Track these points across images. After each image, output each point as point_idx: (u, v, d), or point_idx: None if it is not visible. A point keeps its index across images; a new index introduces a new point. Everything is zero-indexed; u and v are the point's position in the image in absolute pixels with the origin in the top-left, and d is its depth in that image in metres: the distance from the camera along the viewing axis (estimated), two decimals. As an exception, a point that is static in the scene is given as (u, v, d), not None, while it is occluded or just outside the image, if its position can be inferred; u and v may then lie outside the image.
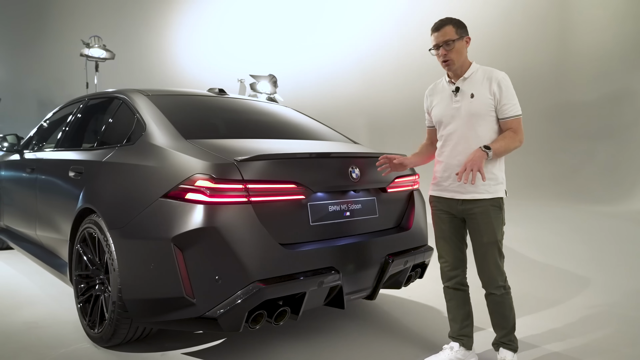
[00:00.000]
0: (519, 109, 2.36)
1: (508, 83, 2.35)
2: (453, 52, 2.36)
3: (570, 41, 8.98)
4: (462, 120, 2.37)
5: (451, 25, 2.37)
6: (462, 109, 2.37)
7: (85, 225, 2.74)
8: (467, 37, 2.41)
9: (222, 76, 9.65)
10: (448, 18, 2.41)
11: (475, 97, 2.35)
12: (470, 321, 2.56)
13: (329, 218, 2.49)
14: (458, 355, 2.51)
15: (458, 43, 2.36)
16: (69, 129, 3.62)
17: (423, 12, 10.15)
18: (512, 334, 2.43)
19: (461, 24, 2.42)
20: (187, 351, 2.62)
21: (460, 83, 2.40)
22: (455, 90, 2.40)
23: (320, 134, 3.30)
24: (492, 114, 2.34)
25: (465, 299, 2.55)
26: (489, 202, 2.34)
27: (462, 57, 2.39)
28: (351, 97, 10.54)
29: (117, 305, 2.42)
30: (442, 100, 2.48)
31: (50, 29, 13.72)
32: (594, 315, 3.33)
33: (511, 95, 2.34)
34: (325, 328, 2.98)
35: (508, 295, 2.41)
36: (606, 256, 5.10)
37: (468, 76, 2.39)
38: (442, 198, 2.46)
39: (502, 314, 2.41)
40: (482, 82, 2.36)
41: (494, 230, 2.34)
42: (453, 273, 2.52)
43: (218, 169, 2.19)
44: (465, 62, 2.41)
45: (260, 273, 2.15)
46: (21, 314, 3.14)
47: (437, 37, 2.39)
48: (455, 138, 2.39)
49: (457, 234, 2.50)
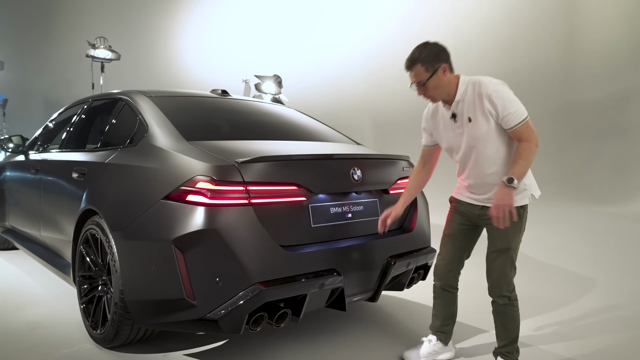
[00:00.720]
0: (522, 112, 2.17)
1: (500, 93, 2.16)
2: (429, 90, 2.24)
3: (577, 40, 8.91)
4: (469, 145, 2.27)
5: (419, 64, 2.21)
6: (465, 134, 2.26)
7: (88, 226, 2.75)
8: (443, 65, 2.22)
9: (227, 76, 9.67)
10: (417, 53, 2.23)
11: (473, 121, 2.21)
12: (452, 321, 2.60)
13: (331, 220, 2.48)
14: (435, 348, 2.58)
15: (432, 80, 2.21)
16: (73, 130, 3.64)
17: (429, 12, 10.11)
18: (511, 346, 2.39)
19: (431, 55, 2.21)
20: (188, 352, 2.62)
21: (455, 108, 2.27)
22: (452, 116, 2.29)
23: (323, 135, 3.29)
24: (495, 131, 2.20)
25: (452, 301, 2.57)
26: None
27: (442, 89, 2.24)
28: (357, 97, 10.52)
29: (119, 307, 2.42)
30: (445, 127, 2.36)
31: (57, 31, 13.82)
32: (600, 317, 3.30)
33: (509, 104, 2.16)
34: (327, 330, 2.97)
35: (512, 307, 2.35)
36: (612, 257, 5.06)
37: (460, 98, 2.24)
38: (463, 201, 2.44)
39: (503, 325, 2.39)
40: (474, 101, 2.20)
41: (509, 237, 2.28)
42: (445, 272, 2.51)
43: (219, 170, 2.18)
44: (451, 88, 2.25)
45: (261, 275, 2.15)
46: (25, 314, 3.16)
47: (410, 77, 2.28)
48: (470, 162, 2.31)
49: (464, 238, 2.48)
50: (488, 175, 2.26)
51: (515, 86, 2.50)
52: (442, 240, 2.56)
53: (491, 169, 2.25)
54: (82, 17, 13.41)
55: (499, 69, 9.35)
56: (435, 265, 2.57)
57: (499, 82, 2.24)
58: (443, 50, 2.25)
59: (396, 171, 2.85)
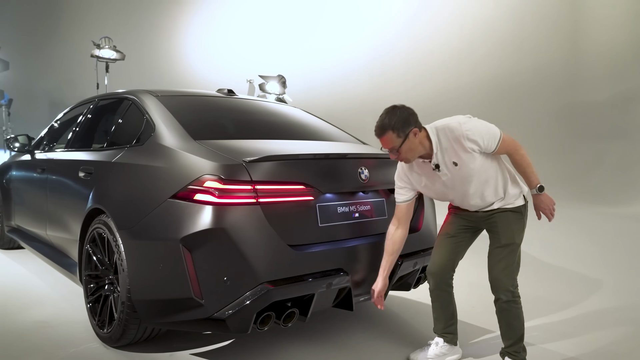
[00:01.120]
0: (496, 133, 2.25)
1: (473, 130, 2.22)
2: (403, 154, 2.26)
3: (582, 41, 8.88)
4: (460, 185, 2.33)
5: (390, 131, 2.22)
6: (454, 177, 2.31)
7: (94, 225, 2.75)
8: (414, 129, 2.23)
9: (231, 77, 9.68)
10: (386, 120, 2.24)
11: (460, 164, 2.26)
12: (454, 320, 2.61)
13: (338, 219, 2.48)
14: (443, 350, 2.58)
15: (405, 145, 2.23)
16: (79, 129, 3.65)
17: (432, 13, 10.10)
18: (518, 345, 2.39)
19: (401, 120, 2.22)
20: (195, 352, 2.62)
21: (435, 159, 2.30)
22: (436, 167, 2.32)
23: (329, 134, 3.28)
24: (480, 161, 2.28)
25: (450, 300, 2.59)
26: (509, 209, 2.37)
27: (415, 150, 2.26)
28: (360, 97, 10.51)
29: (126, 306, 2.42)
30: (428, 178, 2.39)
31: (62, 31, 13.87)
32: (607, 318, 3.28)
33: (484, 132, 2.23)
34: (334, 329, 2.96)
35: (516, 304, 2.36)
36: (618, 258, 5.03)
37: (437, 150, 2.27)
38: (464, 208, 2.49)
39: (508, 323, 2.38)
40: (453, 147, 2.25)
41: (513, 233, 2.34)
42: (440, 272, 2.51)
43: (227, 169, 2.18)
44: (424, 144, 2.27)
45: (269, 274, 2.15)
46: (31, 313, 3.16)
47: (382, 143, 2.29)
48: (466, 197, 2.38)
49: (462, 239, 2.51)
50: (486, 197, 2.36)
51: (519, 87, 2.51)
52: (438, 240, 2.57)
53: (488, 192, 2.35)
54: (87, 17, 13.45)
55: (503, 70, 9.34)
56: (429, 267, 2.55)
57: (465, 120, 2.28)
58: (412, 114, 2.27)
59: (403, 171, 2.84)
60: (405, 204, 2.50)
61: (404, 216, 2.50)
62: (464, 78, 9.65)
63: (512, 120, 8.57)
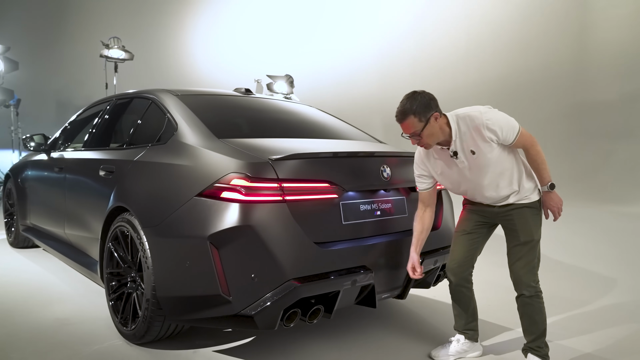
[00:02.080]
0: (514, 126, 2.27)
1: (493, 119, 2.25)
2: (424, 139, 2.28)
3: (589, 40, 8.87)
4: (477, 174, 2.35)
5: (412, 116, 2.24)
6: (471, 166, 2.33)
7: (117, 223, 2.77)
8: (435, 114, 2.26)
9: (239, 76, 9.69)
10: (408, 105, 2.25)
11: (477, 153, 2.29)
12: (475, 317, 2.63)
13: (361, 217, 2.50)
14: (464, 347, 2.60)
15: (426, 129, 2.25)
16: (98, 128, 3.67)
17: (439, 12, 10.10)
18: (540, 340, 2.41)
19: (422, 105, 2.25)
20: (218, 349, 2.64)
21: (454, 146, 2.32)
22: (454, 154, 2.34)
23: (347, 133, 3.30)
24: (498, 152, 2.30)
25: (470, 297, 2.60)
26: (525, 204, 2.38)
27: (436, 135, 2.29)
28: (368, 96, 10.53)
29: (150, 303, 2.44)
30: (445, 166, 2.42)
31: (71, 31, 13.91)
32: (622, 315, 3.29)
33: (504, 123, 2.25)
34: (354, 327, 2.98)
35: (538, 299, 2.39)
36: (630, 256, 5.03)
37: (456, 138, 2.30)
38: (478, 202, 2.50)
39: (531, 318, 2.40)
40: (472, 135, 2.27)
41: (531, 230, 2.35)
42: (460, 269, 2.54)
43: (253, 167, 2.20)
44: (444, 131, 2.29)
45: (296, 271, 2.16)
46: (52, 310, 3.19)
47: (403, 128, 2.30)
48: (480, 188, 2.39)
49: (478, 235, 2.53)
50: (501, 190, 2.37)
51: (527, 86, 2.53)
52: (454, 237, 2.59)
53: (502, 184, 2.35)
54: (96, 17, 13.49)
55: (510, 69, 9.33)
56: (448, 264, 2.59)
57: (486, 109, 2.30)
58: (432, 99, 2.30)
59: (423, 169, 2.85)
60: (427, 191, 2.54)
61: (428, 200, 2.55)
62: (472, 77, 9.65)
63: (519, 119, 8.45)
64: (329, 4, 11.47)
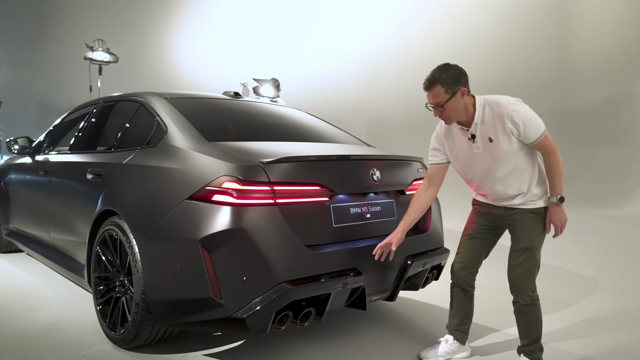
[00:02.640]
0: (540, 126, 2.24)
1: (520, 112, 2.22)
2: (447, 112, 2.28)
3: (571, 46, 9.07)
4: (489, 164, 2.34)
5: (439, 85, 2.23)
6: (485, 154, 2.33)
7: (105, 227, 2.75)
8: (462, 88, 2.24)
9: (225, 79, 9.67)
10: (437, 74, 2.25)
11: (495, 141, 2.27)
12: (469, 319, 2.65)
13: (351, 220, 2.52)
14: (452, 347, 2.63)
15: (450, 102, 2.24)
16: (85, 132, 3.63)
17: (424, 18, 10.23)
18: (534, 345, 2.45)
19: (452, 77, 2.24)
20: (208, 352, 2.63)
21: (474, 129, 2.31)
22: (472, 137, 2.33)
23: (337, 137, 3.33)
24: (516, 148, 2.29)
25: (469, 299, 2.63)
26: (529, 210, 2.37)
27: (459, 112, 2.28)
28: (352, 100, 10.59)
29: (140, 307, 2.43)
30: (461, 148, 2.41)
31: (54, 33, 13.73)
32: (608, 316, 3.37)
33: (529, 121, 2.22)
34: (344, 330, 3.00)
35: (534, 307, 2.41)
36: (610, 258, 5.15)
37: (478, 120, 2.29)
38: (485, 203, 2.52)
39: (526, 325, 2.44)
40: (494, 122, 2.25)
41: (532, 236, 2.36)
42: (463, 271, 2.57)
43: (245, 170, 2.21)
44: (468, 110, 2.29)
45: (288, 274, 2.17)
46: (38, 316, 3.14)
47: (428, 97, 2.29)
48: (490, 179, 2.38)
49: (484, 238, 2.55)
50: (509, 188, 2.35)
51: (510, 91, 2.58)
52: (461, 240, 2.62)
53: (512, 182, 2.34)
54: (80, 19, 13.34)
55: (493, 74, 9.48)
56: (453, 265, 2.62)
57: (516, 101, 2.29)
58: (463, 74, 2.28)
59: (412, 172, 2.90)
60: (436, 166, 2.53)
61: (435, 178, 2.53)
62: (455, 82, 9.76)
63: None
64: (315, 9, 11.53)
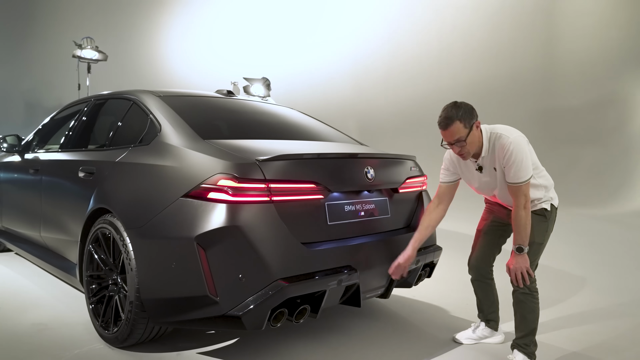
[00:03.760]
0: (524, 176, 2.32)
1: (514, 154, 2.31)
2: (467, 146, 2.37)
3: (556, 48, 9.19)
4: (497, 186, 2.51)
5: (458, 122, 2.32)
6: (492, 181, 2.51)
7: (98, 225, 2.73)
8: (477, 122, 2.37)
9: (215, 78, 9.62)
10: (453, 112, 2.32)
11: (498, 169, 2.44)
12: (495, 307, 2.81)
13: (345, 217, 2.54)
14: (485, 332, 2.80)
15: (470, 136, 2.34)
16: (76, 130, 3.59)
17: (413, 20, 10.29)
18: (528, 338, 2.50)
19: (467, 112, 2.34)
20: (202, 351, 2.63)
21: (481, 162, 2.49)
22: (479, 169, 2.51)
23: (330, 135, 3.34)
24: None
25: (490, 290, 2.79)
26: (532, 210, 2.48)
27: (475, 144, 2.40)
28: (342, 100, 10.62)
29: (134, 305, 2.41)
30: (471, 174, 2.59)
31: (41, 30, 13.53)
32: (595, 312, 3.44)
33: (518, 166, 2.31)
34: (337, 327, 3.01)
35: (532, 298, 2.47)
36: (596, 257, 5.25)
37: (485, 154, 2.45)
38: (494, 201, 2.70)
39: (522, 315, 2.49)
40: (495, 155, 2.41)
41: (533, 232, 2.45)
42: (478, 265, 2.76)
43: (240, 168, 2.21)
44: (480, 142, 2.42)
45: (283, 271, 2.18)
46: (28, 316, 3.10)
47: (447, 136, 2.36)
48: (498, 194, 2.56)
49: (495, 235, 2.73)
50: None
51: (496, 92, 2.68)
52: (475, 237, 2.79)
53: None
54: (68, 17, 13.15)
55: (481, 75, 9.58)
56: (469, 260, 2.80)
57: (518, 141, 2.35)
58: (473, 108, 2.40)
59: (405, 171, 2.92)
60: (447, 185, 2.67)
61: (445, 196, 2.68)
62: (443, 83, 9.86)
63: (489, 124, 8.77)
64: (305, 9, 11.54)
